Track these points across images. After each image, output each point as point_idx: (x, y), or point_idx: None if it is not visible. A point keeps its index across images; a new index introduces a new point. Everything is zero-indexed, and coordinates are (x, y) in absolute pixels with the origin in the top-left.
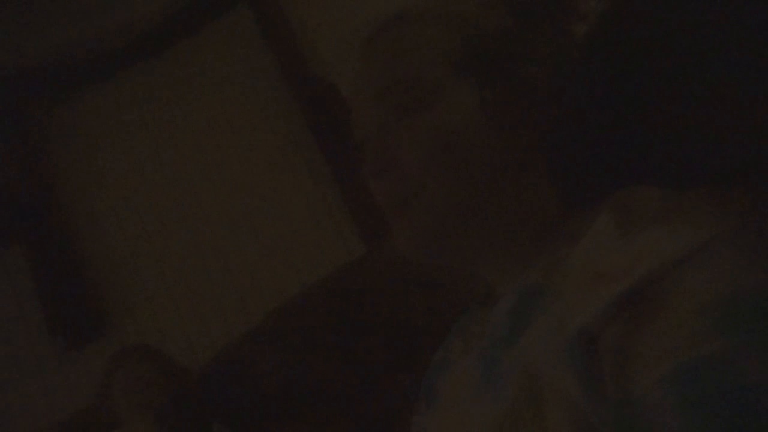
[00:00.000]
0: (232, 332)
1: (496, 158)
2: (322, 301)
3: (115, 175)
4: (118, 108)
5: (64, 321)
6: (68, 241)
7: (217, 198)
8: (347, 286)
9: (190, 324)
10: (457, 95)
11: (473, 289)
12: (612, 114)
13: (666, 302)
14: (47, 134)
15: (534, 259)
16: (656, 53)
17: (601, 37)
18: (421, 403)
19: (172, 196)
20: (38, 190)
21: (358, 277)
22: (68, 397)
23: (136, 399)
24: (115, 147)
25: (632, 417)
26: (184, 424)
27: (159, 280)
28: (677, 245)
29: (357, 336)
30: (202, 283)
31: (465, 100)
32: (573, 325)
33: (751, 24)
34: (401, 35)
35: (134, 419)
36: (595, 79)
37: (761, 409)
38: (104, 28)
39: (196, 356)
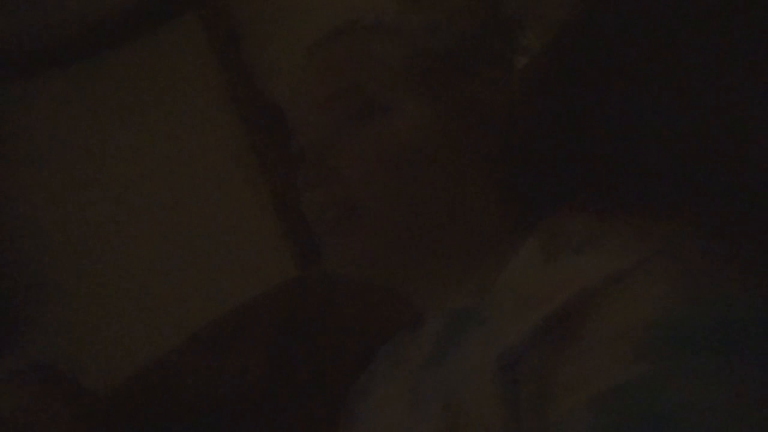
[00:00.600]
0: (153, 351)
1: (440, 176)
2: (255, 318)
3: (36, 179)
4: (46, 108)
5: None
6: None
7: (146, 209)
8: (281, 305)
9: (108, 341)
10: (402, 110)
11: (401, 313)
12: (553, 140)
13: (585, 329)
14: None
15: (465, 282)
16: (596, 81)
17: (545, 66)
18: (341, 431)
19: (96, 204)
20: None
21: (291, 297)
22: None
23: (25, 427)
24: (38, 149)
25: None
26: None
27: (76, 293)
28: (599, 272)
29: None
30: (124, 297)
31: (410, 115)
32: (495, 350)
33: (687, 56)
34: (350, 45)
35: None
36: (537, 107)
37: None
38: (38, 24)
39: (114, 375)
